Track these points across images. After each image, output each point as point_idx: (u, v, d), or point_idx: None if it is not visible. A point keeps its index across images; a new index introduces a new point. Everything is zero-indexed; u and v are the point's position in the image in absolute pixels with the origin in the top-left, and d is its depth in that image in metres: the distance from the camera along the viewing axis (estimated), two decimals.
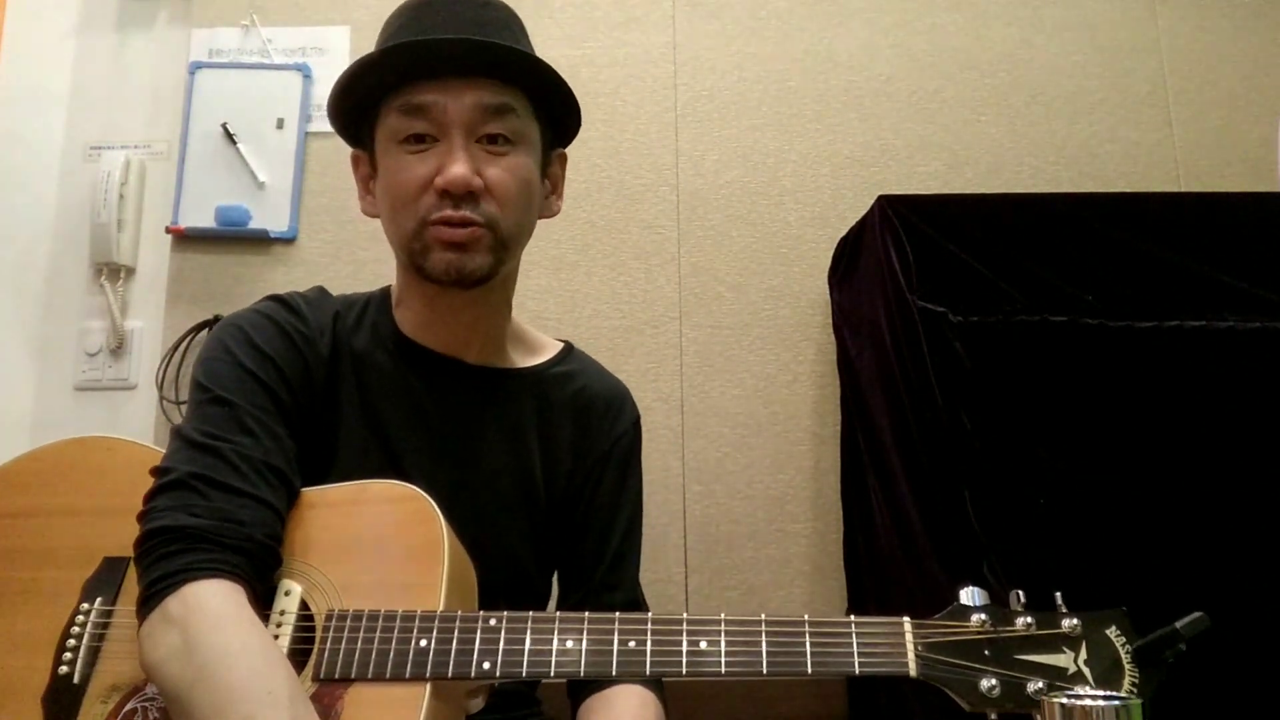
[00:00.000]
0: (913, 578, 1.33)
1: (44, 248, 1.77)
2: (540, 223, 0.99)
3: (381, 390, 0.93)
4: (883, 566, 1.41)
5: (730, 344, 1.68)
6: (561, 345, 1.08)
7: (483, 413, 0.96)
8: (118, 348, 1.71)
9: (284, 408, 0.87)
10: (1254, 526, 1.24)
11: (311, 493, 0.85)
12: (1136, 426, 1.28)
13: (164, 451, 0.85)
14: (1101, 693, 0.63)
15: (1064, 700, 0.59)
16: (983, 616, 0.71)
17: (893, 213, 1.40)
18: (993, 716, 0.69)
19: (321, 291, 1.00)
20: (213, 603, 0.73)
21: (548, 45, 1.48)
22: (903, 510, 1.35)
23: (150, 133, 1.80)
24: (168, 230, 1.69)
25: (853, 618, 0.72)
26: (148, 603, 0.74)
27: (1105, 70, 1.79)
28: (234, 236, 1.70)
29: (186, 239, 1.70)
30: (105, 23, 1.85)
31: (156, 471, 0.81)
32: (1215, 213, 1.39)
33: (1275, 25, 1.81)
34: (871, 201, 1.48)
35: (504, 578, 0.91)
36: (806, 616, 0.72)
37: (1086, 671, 0.69)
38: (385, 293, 1.01)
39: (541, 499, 0.99)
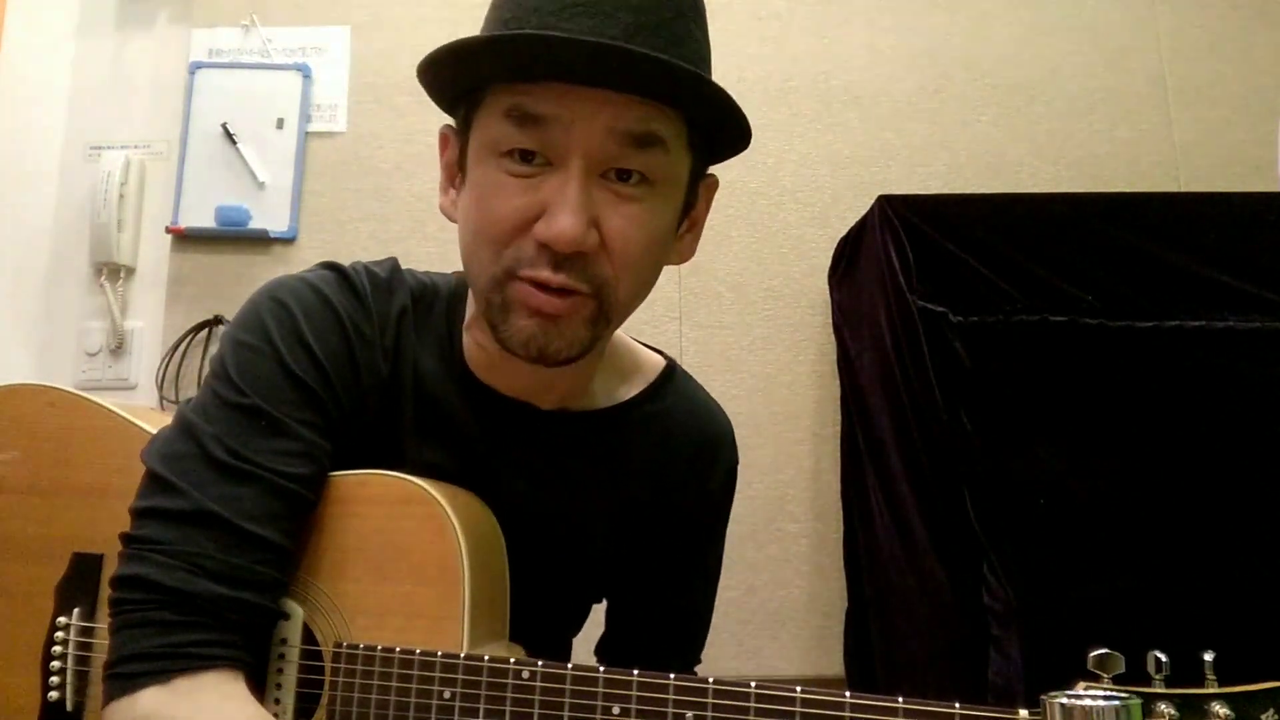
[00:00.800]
0: (913, 577, 1.33)
1: (44, 248, 1.77)
2: None
3: (441, 433, 0.78)
4: (883, 566, 1.41)
5: (730, 344, 1.68)
6: (661, 369, 0.89)
7: (549, 462, 0.81)
8: (118, 348, 1.71)
9: (330, 421, 0.73)
10: (1254, 526, 1.24)
11: None
12: (1136, 426, 1.29)
13: (141, 423, 0.75)
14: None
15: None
16: (1114, 704, 0.58)
17: (893, 213, 1.41)
18: None
19: (393, 271, 0.80)
20: (207, 709, 0.62)
21: None
22: (903, 510, 1.35)
23: (150, 133, 1.80)
24: (168, 230, 1.69)
25: (958, 706, 0.60)
26: (120, 678, 0.62)
27: (1105, 70, 1.79)
28: (234, 236, 1.70)
29: (186, 239, 1.70)
30: (105, 23, 1.85)
31: (158, 481, 0.67)
32: (1215, 213, 1.39)
33: (1275, 25, 1.81)
34: (871, 201, 1.48)
35: (536, 623, 0.80)
36: (901, 700, 0.61)
37: None
38: (459, 294, 0.81)
39: (600, 557, 0.86)
